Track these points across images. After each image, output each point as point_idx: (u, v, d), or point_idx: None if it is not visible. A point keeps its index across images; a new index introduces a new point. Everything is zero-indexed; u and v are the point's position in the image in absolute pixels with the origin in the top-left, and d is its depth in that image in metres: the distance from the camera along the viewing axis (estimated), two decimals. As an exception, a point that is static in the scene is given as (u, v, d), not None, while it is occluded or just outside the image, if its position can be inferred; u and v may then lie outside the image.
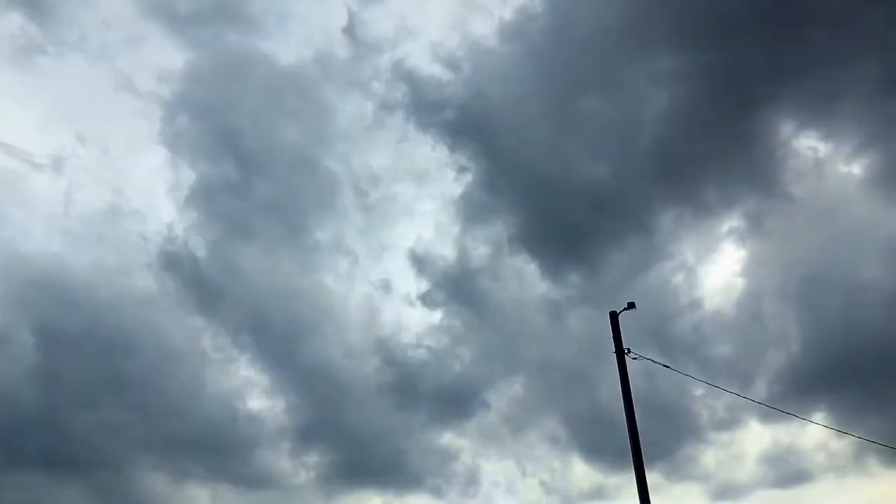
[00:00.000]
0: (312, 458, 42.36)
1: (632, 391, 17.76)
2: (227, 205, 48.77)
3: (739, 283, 44.28)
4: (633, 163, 44.44)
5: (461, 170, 49.68)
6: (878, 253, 38.36)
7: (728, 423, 39.39)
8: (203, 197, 48.30)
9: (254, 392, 44.19)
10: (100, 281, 44.46)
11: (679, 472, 37.33)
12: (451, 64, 48.77)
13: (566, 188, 45.11)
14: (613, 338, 17.86)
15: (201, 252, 46.52)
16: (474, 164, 47.62)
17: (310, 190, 51.47)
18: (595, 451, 40.62)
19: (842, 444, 37.04)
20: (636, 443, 17.30)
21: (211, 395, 43.25)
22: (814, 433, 39.27)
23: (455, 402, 43.88)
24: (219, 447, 42.18)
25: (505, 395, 43.62)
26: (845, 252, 39.96)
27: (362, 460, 42.30)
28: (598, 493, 40.32)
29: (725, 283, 45.61)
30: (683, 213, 44.73)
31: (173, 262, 45.74)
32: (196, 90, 50.16)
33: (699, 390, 37.55)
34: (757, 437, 41.81)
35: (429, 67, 63.81)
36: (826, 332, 38.44)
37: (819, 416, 36.56)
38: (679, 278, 42.84)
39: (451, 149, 49.82)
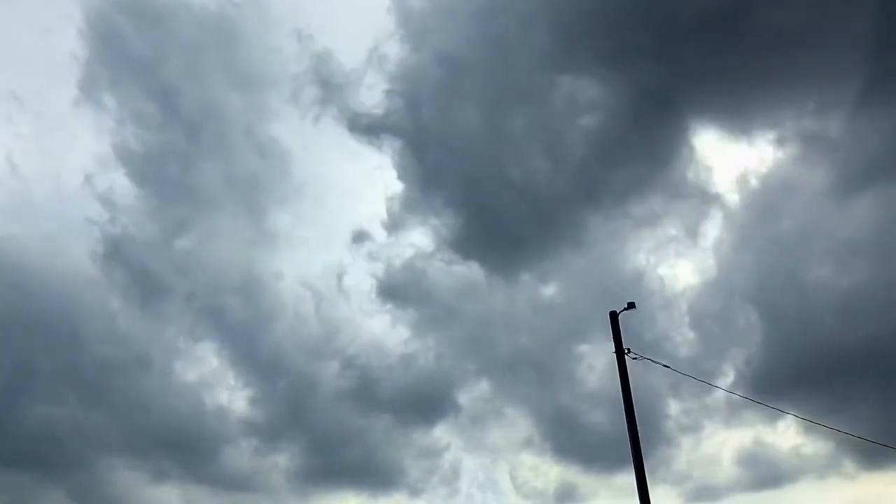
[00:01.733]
0: (282, 458, 41.85)
1: (628, 391, 17.94)
2: (174, 179, 47.64)
3: (688, 290, 44.65)
4: (567, 171, 45.21)
5: (393, 167, 49.76)
6: (820, 256, 39.41)
7: (699, 426, 40.06)
8: (148, 169, 47.03)
9: (218, 388, 43.32)
10: (45, 265, 42.88)
11: (653, 475, 37.52)
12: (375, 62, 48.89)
13: (500, 193, 45.52)
14: (613, 338, 17.90)
15: (147, 235, 45.23)
16: (405, 163, 47.37)
17: (256, 166, 50.69)
18: (565, 451, 41.03)
19: (815, 448, 37.91)
20: (636, 443, 17.34)
21: (171, 389, 42.21)
22: (786, 437, 39.83)
23: (423, 402, 43.82)
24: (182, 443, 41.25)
25: (474, 395, 43.73)
26: (789, 255, 40.71)
27: (336, 460, 41.96)
28: (571, 493, 40.75)
29: (673, 291, 46.22)
30: (621, 223, 45.61)
31: (119, 245, 44.34)
32: (120, 43, 48.30)
33: (672, 392, 38.13)
34: (729, 441, 42.32)
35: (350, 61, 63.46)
36: (782, 338, 38.95)
37: (787, 422, 37.38)
38: (623, 287, 43.09)
39: (378, 147, 50.06)
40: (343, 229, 60.77)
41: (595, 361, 41.04)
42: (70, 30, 63.26)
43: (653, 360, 18.05)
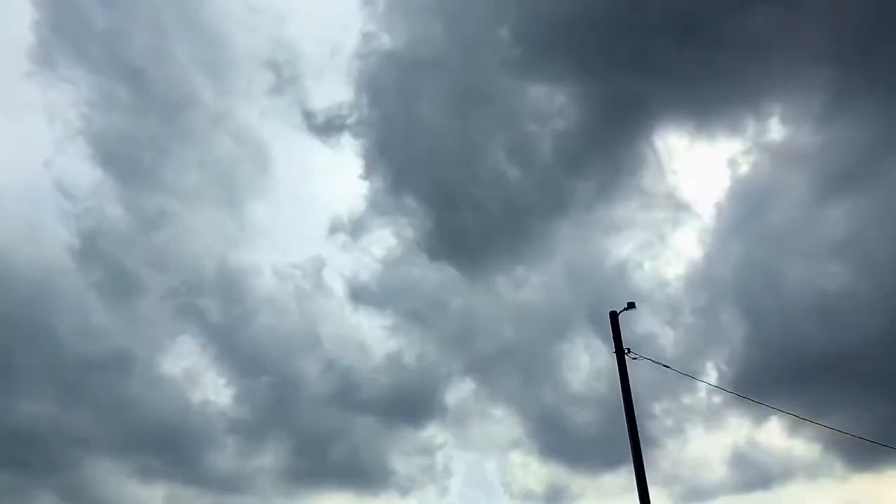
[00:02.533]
0: (266, 458, 41.30)
1: (628, 391, 17.78)
2: (146, 164, 46.81)
3: (661, 295, 44.27)
4: (538, 176, 45.38)
5: (360, 166, 49.28)
6: (795, 259, 39.46)
7: (685, 427, 40.00)
8: (118, 154, 46.17)
9: (202, 385, 42.63)
10: (16, 258, 41.82)
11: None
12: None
13: (470, 195, 45.75)
14: (613, 338, 17.78)
15: (122, 225, 44.30)
16: (373, 163, 47.40)
17: (234, 157, 50.03)
18: (551, 451, 40.87)
19: (804, 450, 38.01)
20: (636, 442, 17.22)
21: (153, 386, 41.46)
22: (774, 439, 39.76)
23: (408, 403, 43.52)
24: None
25: (460, 395, 43.55)
26: (763, 257, 40.69)
27: (323, 460, 41.51)
28: (560, 493, 40.61)
29: (645, 296, 46.06)
30: (592, 228, 46.18)
31: (95, 239, 43.39)
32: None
33: (657, 393, 38.03)
34: (717, 442, 42.17)
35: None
36: (762, 341, 38.59)
37: (771, 425, 37.55)
38: (594, 294, 43.26)
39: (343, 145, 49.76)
40: (319, 223, 60.70)
41: (575, 362, 41.16)
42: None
43: (653, 360, 17.95)
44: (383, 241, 48.82)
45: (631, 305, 17.89)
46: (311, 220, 57.87)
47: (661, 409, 39.11)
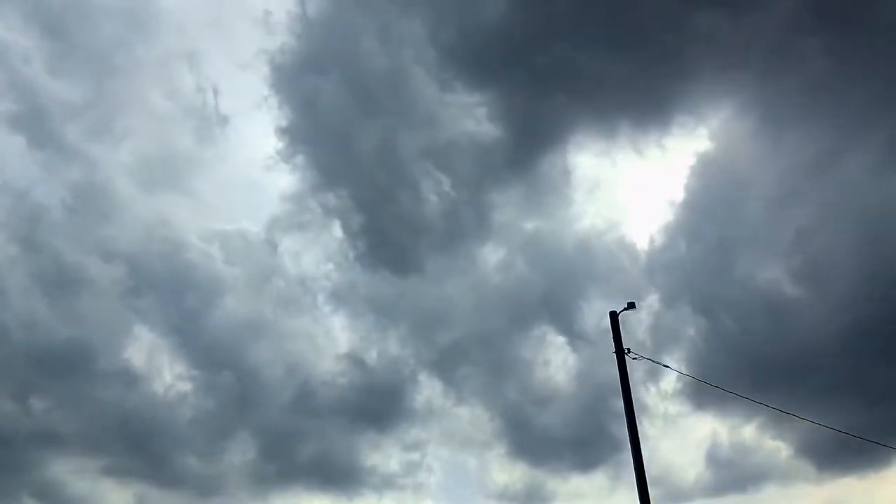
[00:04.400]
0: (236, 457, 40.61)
1: (628, 391, 17.82)
2: (81, 138, 45.77)
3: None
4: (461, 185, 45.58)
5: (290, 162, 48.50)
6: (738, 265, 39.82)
7: (661, 429, 40.08)
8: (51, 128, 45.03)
9: (165, 380, 41.60)
10: None
11: (621, 476, 37.24)
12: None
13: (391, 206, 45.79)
14: (613, 338, 17.82)
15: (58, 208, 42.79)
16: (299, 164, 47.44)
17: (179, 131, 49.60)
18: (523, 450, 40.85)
19: (781, 452, 38.28)
20: (636, 443, 17.25)
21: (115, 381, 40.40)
22: (752, 441, 39.80)
23: (380, 404, 43.17)
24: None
25: (426, 395, 43.26)
26: (711, 264, 40.84)
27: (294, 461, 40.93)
28: (535, 493, 40.58)
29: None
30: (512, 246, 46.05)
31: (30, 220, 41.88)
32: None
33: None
34: (694, 445, 42.22)
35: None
36: (718, 347, 38.52)
37: (750, 426, 37.86)
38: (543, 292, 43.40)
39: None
40: (263, 209, 60.44)
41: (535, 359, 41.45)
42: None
43: (652, 360, 18.04)
44: (319, 238, 48.35)
45: (631, 305, 17.94)
46: (256, 204, 57.44)
47: (641, 410, 39.04)
